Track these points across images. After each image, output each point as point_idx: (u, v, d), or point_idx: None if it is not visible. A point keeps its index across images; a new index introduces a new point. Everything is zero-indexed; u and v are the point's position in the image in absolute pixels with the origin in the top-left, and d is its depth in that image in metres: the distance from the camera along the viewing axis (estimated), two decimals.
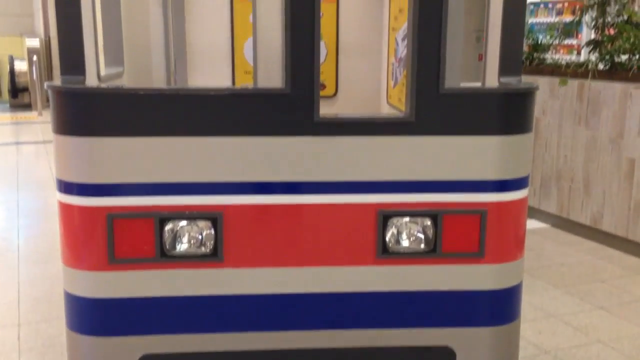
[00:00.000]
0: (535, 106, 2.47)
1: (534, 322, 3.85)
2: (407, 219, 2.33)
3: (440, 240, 2.34)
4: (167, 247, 2.27)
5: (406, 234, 2.34)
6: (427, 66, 2.22)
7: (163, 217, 2.25)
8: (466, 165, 2.31)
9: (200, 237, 2.28)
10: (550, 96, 5.68)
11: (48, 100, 2.39)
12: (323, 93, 3.74)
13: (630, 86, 4.98)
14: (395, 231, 2.34)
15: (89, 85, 2.22)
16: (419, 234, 2.34)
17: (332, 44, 3.95)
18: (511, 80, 2.32)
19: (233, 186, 2.25)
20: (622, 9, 5.47)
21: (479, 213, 2.33)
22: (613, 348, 3.57)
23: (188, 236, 2.27)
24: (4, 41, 15.86)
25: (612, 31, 5.51)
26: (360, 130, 2.26)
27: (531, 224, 5.38)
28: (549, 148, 5.78)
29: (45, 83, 2.25)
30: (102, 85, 2.30)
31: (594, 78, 5.25)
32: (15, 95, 14.89)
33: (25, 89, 14.71)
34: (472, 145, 2.29)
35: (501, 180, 2.34)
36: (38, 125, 12.23)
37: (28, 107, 14.40)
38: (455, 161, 2.30)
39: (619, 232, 5.16)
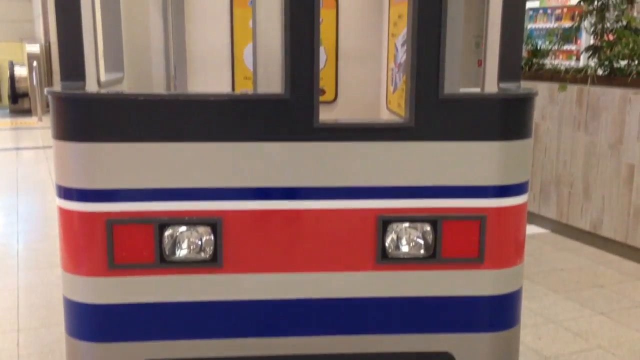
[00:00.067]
0: (534, 111, 2.48)
1: (533, 328, 3.84)
2: (407, 224, 2.34)
3: (439, 246, 2.34)
4: (167, 253, 2.27)
5: (406, 239, 2.34)
6: (427, 72, 2.23)
7: (162, 223, 2.25)
8: (466, 170, 2.31)
9: (199, 243, 2.28)
10: (549, 102, 5.69)
11: (48, 106, 2.39)
12: (323, 98, 3.75)
13: (629, 92, 4.99)
14: (394, 237, 2.34)
15: (89, 91, 2.22)
16: (419, 240, 2.34)
17: (332, 49, 3.96)
18: (510, 85, 2.33)
19: (232, 192, 2.25)
20: (621, 15, 5.48)
21: (478, 218, 2.33)
22: (613, 354, 3.56)
23: (187, 242, 2.27)
24: (4, 47, 15.89)
25: (611, 37, 5.51)
26: (360, 136, 2.26)
27: (531, 230, 5.38)
28: (548, 153, 5.78)
29: (45, 89, 2.25)
30: (102, 91, 2.30)
31: (593, 83, 5.26)
32: (15, 101, 14.90)
33: (25, 95, 14.72)
34: (472, 150, 2.30)
35: (501, 186, 2.34)
36: (38, 131, 12.23)
37: (28, 113, 14.41)
38: (455, 167, 2.30)
39: (619, 238, 5.16)
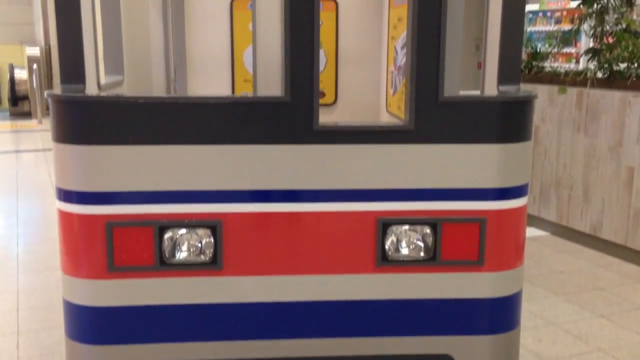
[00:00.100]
0: (534, 114, 2.48)
1: (533, 330, 3.84)
2: (407, 227, 2.34)
3: (439, 248, 2.34)
4: (167, 255, 2.27)
5: (406, 242, 2.34)
6: (427, 74, 2.23)
7: (162, 225, 2.25)
8: (465, 173, 2.31)
9: (199, 245, 2.28)
10: (549, 104, 5.69)
11: (48, 109, 2.39)
12: (322, 101, 3.75)
13: (629, 94, 4.99)
14: (394, 239, 2.34)
15: (89, 94, 2.22)
16: (419, 242, 2.35)
17: (332, 52, 3.96)
18: (510, 88, 2.33)
19: (232, 194, 2.25)
20: (621, 18, 5.48)
21: (478, 221, 2.33)
22: (613, 356, 3.56)
23: (187, 244, 2.27)
24: (4, 49, 15.90)
25: (611, 40, 5.52)
26: (360, 139, 2.26)
27: (531, 232, 5.38)
28: (548, 156, 5.79)
29: (46, 92, 2.26)
30: (102, 93, 2.31)
31: (592, 86, 5.26)
32: (15, 104, 14.91)
33: (25, 97, 14.73)
34: (472, 153, 2.30)
35: (500, 188, 2.34)
36: (38, 134, 12.24)
37: (28, 115, 14.42)
38: (455, 169, 2.30)
39: (619, 240, 5.16)
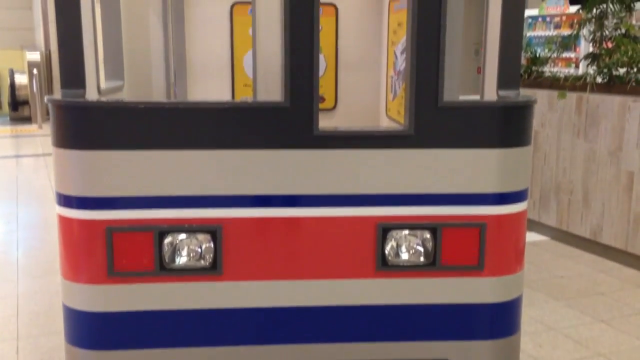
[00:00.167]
0: (534, 119, 2.48)
1: (534, 335, 3.83)
2: (407, 231, 2.34)
3: (439, 253, 2.33)
4: (167, 261, 2.27)
5: (405, 246, 2.34)
6: (426, 79, 2.24)
7: (162, 231, 2.25)
8: (465, 178, 2.31)
9: (199, 251, 2.28)
10: (548, 109, 5.70)
11: (48, 113, 2.39)
12: (322, 106, 3.75)
13: (628, 99, 5.00)
14: (394, 244, 2.34)
15: (89, 99, 2.22)
16: (419, 247, 2.35)
17: (332, 57, 3.96)
18: (510, 93, 2.33)
19: (232, 199, 2.25)
20: (620, 23, 5.49)
21: (478, 226, 2.33)
22: None
23: (187, 249, 2.27)
24: (4, 54, 15.92)
25: (610, 45, 5.53)
26: (360, 143, 2.27)
27: (531, 237, 5.38)
28: (548, 161, 5.79)
29: (46, 97, 2.26)
30: (102, 98, 2.31)
31: (592, 91, 5.27)
32: (15, 108, 14.92)
33: (26, 102, 14.74)
34: (471, 158, 2.30)
35: (500, 193, 2.35)
36: (38, 138, 12.24)
37: (28, 120, 14.43)
38: (455, 174, 2.30)
39: (619, 245, 5.15)
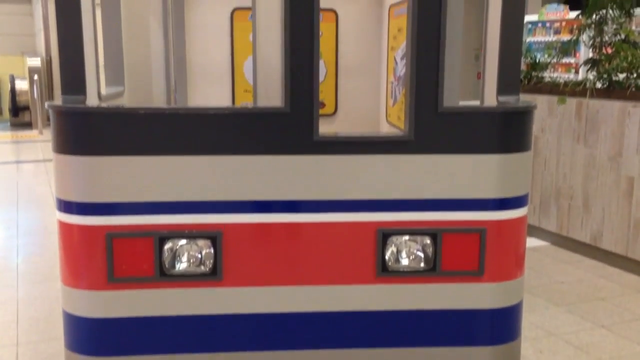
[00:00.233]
0: (533, 124, 2.48)
1: (534, 341, 3.82)
2: (407, 237, 2.34)
3: (439, 259, 2.33)
4: (167, 266, 2.27)
5: (406, 252, 2.34)
6: (426, 85, 2.24)
7: (162, 236, 2.25)
8: (465, 183, 2.31)
9: (199, 256, 2.28)
10: (548, 114, 5.70)
11: (48, 119, 2.39)
12: (322, 111, 3.76)
13: (628, 105, 5.00)
14: (394, 250, 2.33)
15: (90, 105, 2.23)
16: (419, 253, 2.34)
17: (332, 62, 3.97)
18: (509, 98, 2.34)
19: (232, 205, 2.25)
20: (619, 28, 5.51)
21: (478, 231, 2.33)
22: None
23: (187, 255, 2.27)
24: (5, 60, 15.96)
25: (610, 50, 5.54)
26: (360, 149, 2.27)
27: (531, 242, 5.37)
28: (548, 166, 5.79)
29: (46, 103, 2.26)
30: (103, 104, 2.31)
31: (592, 96, 5.28)
32: (16, 114, 14.95)
33: (26, 108, 14.77)
34: (471, 163, 2.30)
35: (500, 199, 2.34)
36: (38, 144, 12.24)
37: (29, 126, 14.45)
38: (455, 180, 2.30)
39: (619, 250, 5.15)
